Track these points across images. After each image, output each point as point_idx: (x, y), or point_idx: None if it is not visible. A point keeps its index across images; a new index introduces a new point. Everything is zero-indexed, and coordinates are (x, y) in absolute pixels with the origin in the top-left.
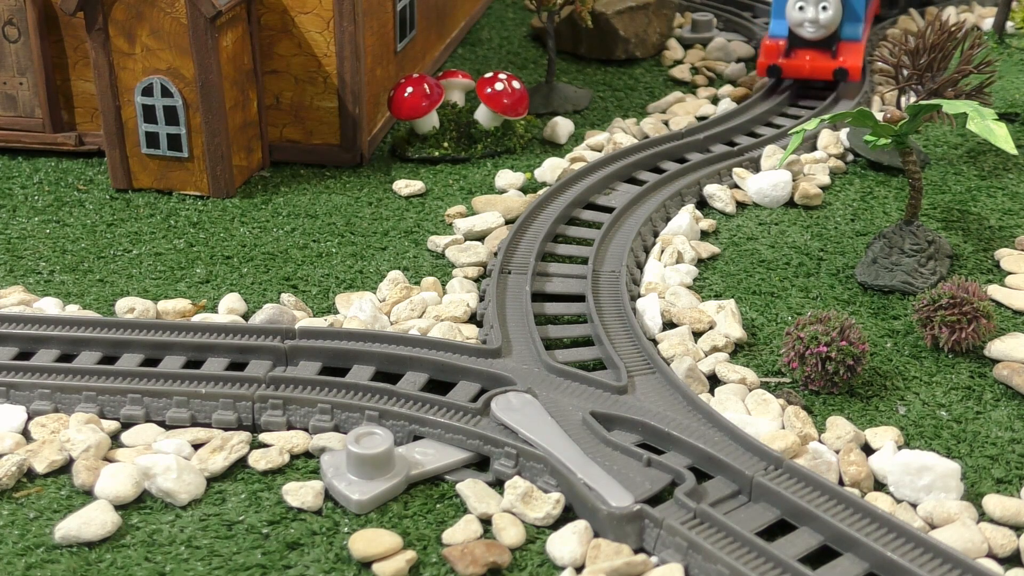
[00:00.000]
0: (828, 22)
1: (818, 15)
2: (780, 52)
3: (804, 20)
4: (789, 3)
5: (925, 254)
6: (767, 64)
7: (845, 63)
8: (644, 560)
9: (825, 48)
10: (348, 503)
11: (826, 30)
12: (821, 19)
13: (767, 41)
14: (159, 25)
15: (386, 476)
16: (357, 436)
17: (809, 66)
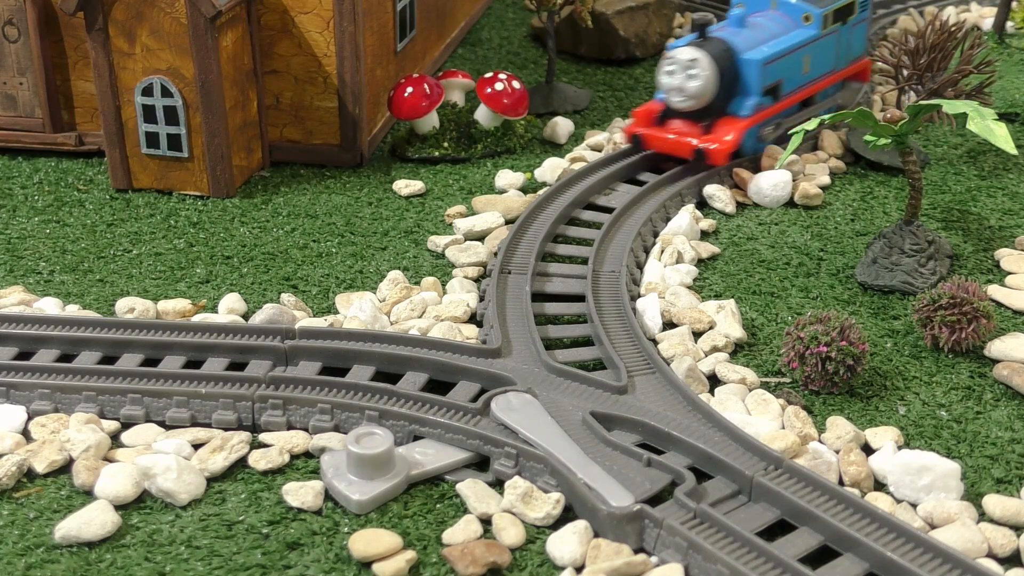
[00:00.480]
0: (697, 92)
1: (685, 83)
2: (652, 119)
3: (671, 87)
4: (660, 66)
5: (925, 254)
6: (631, 132)
7: (711, 142)
8: (644, 560)
9: (698, 120)
10: (348, 503)
11: (696, 101)
12: (688, 88)
13: (649, 103)
14: (159, 25)
15: (386, 476)
16: (357, 436)
17: (672, 141)
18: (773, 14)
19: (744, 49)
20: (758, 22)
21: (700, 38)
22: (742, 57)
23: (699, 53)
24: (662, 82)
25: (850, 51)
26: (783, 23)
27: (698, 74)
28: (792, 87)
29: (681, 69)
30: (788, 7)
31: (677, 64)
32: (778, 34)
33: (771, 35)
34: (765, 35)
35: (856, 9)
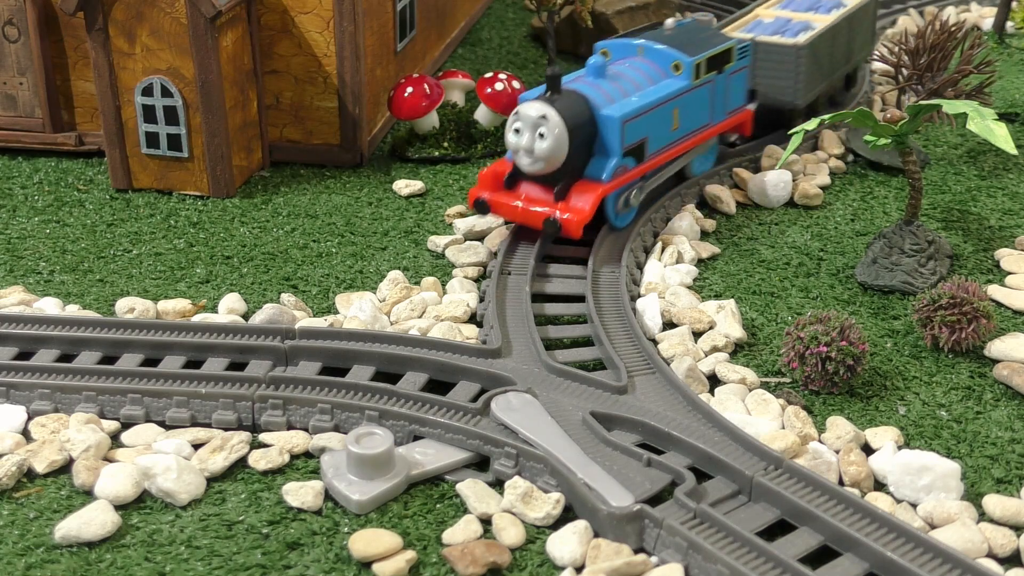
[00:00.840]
0: (547, 154)
1: (533, 144)
2: (499, 182)
3: (518, 147)
4: (508, 122)
5: (925, 254)
6: (475, 195)
7: (564, 211)
8: (644, 560)
9: (551, 185)
10: (348, 503)
11: (546, 163)
12: (538, 150)
13: (497, 163)
14: (159, 25)
15: (386, 476)
16: (357, 436)
17: (520, 210)
18: (639, 62)
19: (602, 104)
20: (620, 72)
21: (551, 92)
22: (600, 113)
23: (548, 109)
24: (509, 141)
25: (727, 103)
26: (650, 72)
27: (548, 133)
28: (659, 145)
29: (529, 127)
30: (656, 54)
31: (524, 121)
32: (643, 85)
33: (634, 87)
34: (627, 87)
35: (733, 57)
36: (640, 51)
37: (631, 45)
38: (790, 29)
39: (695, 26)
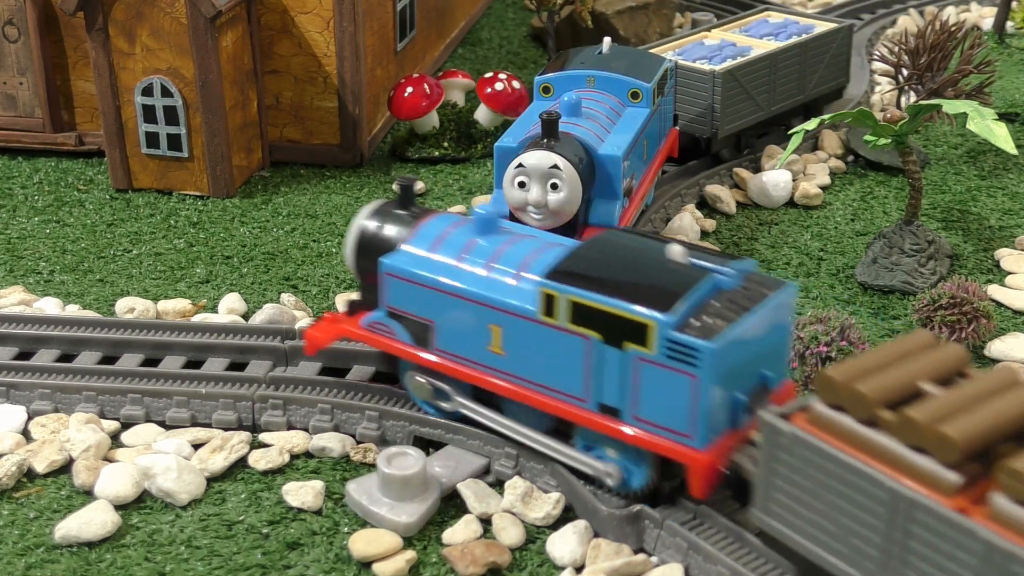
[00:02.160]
0: (560, 206)
1: (546, 196)
2: None
3: (527, 203)
4: (506, 177)
5: (925, 254)
6: None
7: None
8: (644, 560)
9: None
10: (395, 527)
11: (558, 218)
12: (551, 202)
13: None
14: (159, 25)
15: (424, 495)
16: (388, 457)
17: None
18: (595, 94)
19: (596, 144)
20: (590, 108)
21: (549, 138)
22: (599, 154)
23: (558, 158)
24: (512, 197)
25: (665, 126)
26: (611, 104)
27: (563, 184)
28: (639, 180)
29: (538, 179)
30: (610, 83)
31: (533, 174)
32: (613, 119)
33: (609, 121)
34: (604, 122)
35: (670, 76)
36: (591, 82)
37: (578, 77)
38: (721, 55)
39: (627, 48)
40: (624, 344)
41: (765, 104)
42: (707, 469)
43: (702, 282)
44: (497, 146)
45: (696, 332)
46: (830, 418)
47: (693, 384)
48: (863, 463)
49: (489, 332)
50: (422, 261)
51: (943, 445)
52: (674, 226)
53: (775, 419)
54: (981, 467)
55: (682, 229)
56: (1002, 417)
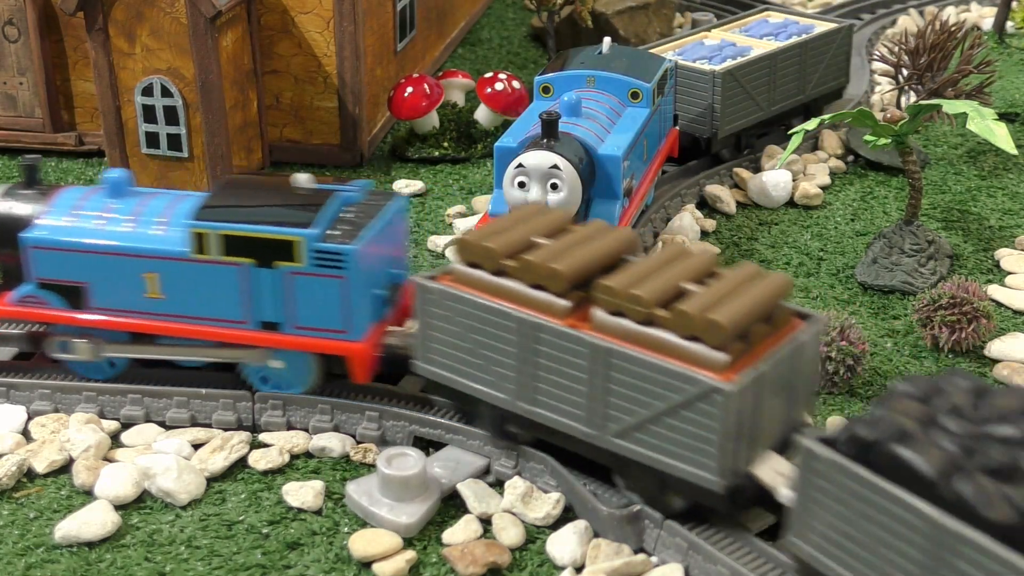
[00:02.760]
0: (561, 206)
1: (546, 196)
2: None
3: (525, 203)
4: (506, 177)
5: (925, 254)
6: None
7: None
8: (644, 560)
9: None
10: (396, 527)
11: None
12: (551, 202)
13: (483, 218)
14: (159, 25)
15: (424, 495)
16: (388, 458)
17: None
18: (594, 94)
19: (596, 144)
20: (590, 108)
21: (549, 138)
22: (599, 154)
23: (558, 158)
24: (513, 197)
25: (664, 127)
26: (611, 104)
27: (563, 184)
28: (639, 180)
29: (538, 180)
30: (610, 83)
31: (533, 174)
32: (613, 119)
33: (609, 121)
34: (604, 122)
35: (669, 76)
36: (591, 82)
37: (578, 77)
38: (721, 55)
39: (627, 48)
40: (275, 263)
41: (765, 104)
42: (366, 356)
43: (331, 200)
44: (497, 146)
45: (338, 239)
46: (468, 274)
47: (343, 284)
48: (496, 303)
49: (144, 280)
50: (65, 229)
51: (553, 279)
52: (674, 226)
53: (426, 281)
54: (584, 294)
55: (682, 229)
56: (598, 254)
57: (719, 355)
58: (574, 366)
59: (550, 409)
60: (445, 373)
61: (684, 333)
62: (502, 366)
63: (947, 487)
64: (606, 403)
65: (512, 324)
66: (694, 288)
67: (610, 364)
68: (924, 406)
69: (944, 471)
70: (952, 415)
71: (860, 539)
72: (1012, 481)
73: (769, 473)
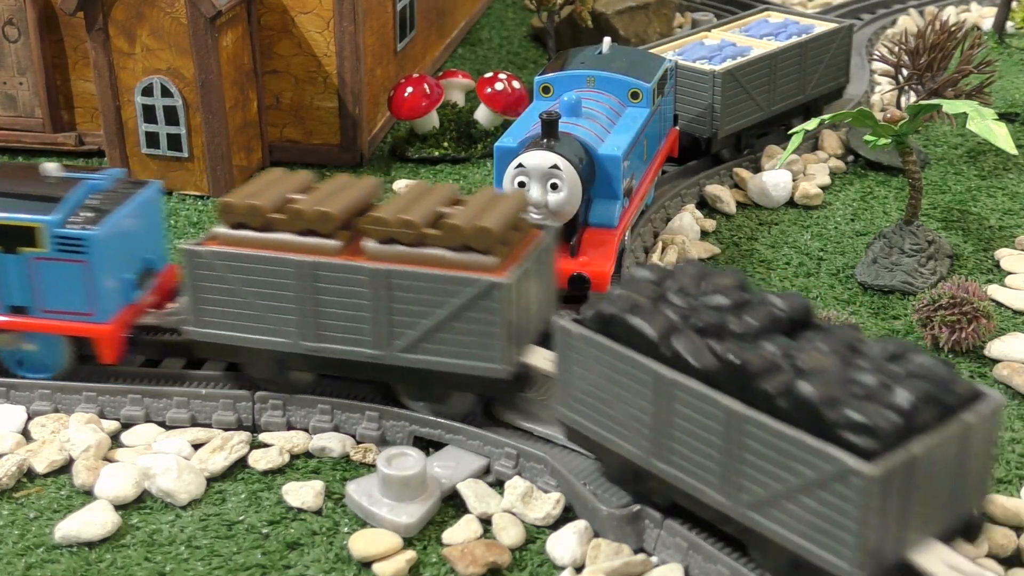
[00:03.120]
0: (560, 206)
1: (546, 196)
2: None
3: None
4: (506, 177)
5: (925, 254)
6: None
7: (587, 266)
8: (644, 560)
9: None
10: (396, 527)
11: (558, 218)
12: (551, 202)
13: None
14: (159, 25)
15: (424, 496)
16: (388, 458)
17: None
18: (594, 94)
19: (596, 144)
20: (590, 108)
21: (549, 137)
22: (598, 154)
23: (558, 158)
24: None
25: (664, 127)
26: (611, 103)
27: (563, 184)
28: (638, 180)
29: (538, 180)
30: (610, 83)
31: (533, 174)
32: (613, 119)
33: (609, 121)
34: (603, 122)
35: (669, 76)
36: (591, 82)
37: (578, 77)
38: (721, 55)
39: (627, 48)
40: (19, 249)
41: (765, 104)
42: (112, 338)
43: (77, 187)
44: (497, 146)
45: (79, 225)
46: (233, 235)
47: (85, 269)
48: (272, 254)
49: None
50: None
51: (324, 221)
52: (674, 226)
53: (193, 247)
54: (349, 233)
55: (682, 229)
56: (354, 199)
57: (490, 258)
58: (355, 295)
59: (335, 342)
60: (220, 332)
61: (455, 244)
62: (281, 311)
63: (667, 345)
64: (390, 324)
65: (290, 269)
66: (450, 210)
67: (391, 286)
68: (656, 287)
69: (665, 333)
70: (678, 293)
71: (607, 398)
72: (719, 337)
73: (538, 359)
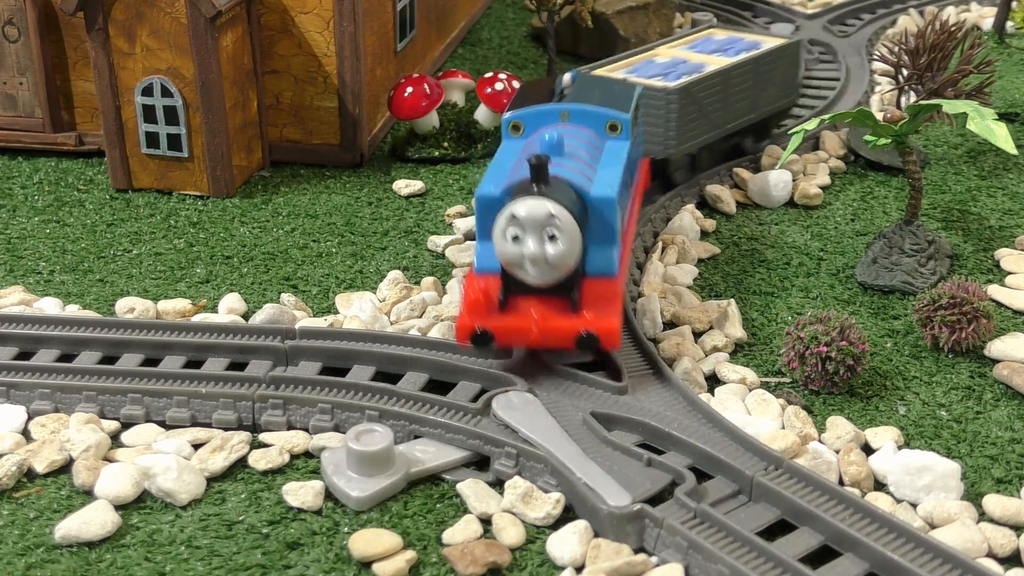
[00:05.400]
0: (560, 259)
1: (543, 249)
2: (491, 305)
3: (522, 257)
4: (497, 230)
5: (925, 254)
6: (470, 327)
7: (594, 323)
8: (644, 560)
9: (561, 294)
10: (348, 500)
11: (557, 271)
12: (551, 255)
13: (472, 283)
14: (159, 25)
15: (386, 473)
16: (357, 433)
17: (539, 330)
18: (572, 129)
19: (586, 185)
20: (571, 145)
21: (539, 182)
22: (591, 196)
23: (555, 206)
24: (506, 252)
25: (637, 157)
26: (589, 138)
27: (561, 234)
28: (626, 218)
29: (533, 230)
30: (587, 116)
31: (528, 225)
32: (596, 156)
33: (591, 158)
34: (587, 159)
35: (640, 104)
36: (565, 116)
37: (551, 112)
38: (675, 72)
39: (592, 77)
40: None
41: (720, 122)
42: None
43: None
44: (478, 196)
45: None
46: None
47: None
48: None
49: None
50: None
51: None
52: (674, 226)
53: None
54: None
55: (682, 229)
56: None
57: None
58: None
59: None
60: None
61: None
62: None
63: None
64: None
65: None
66: None
67: None
68: None
69: None
70: None
71: None
72: None
73: None
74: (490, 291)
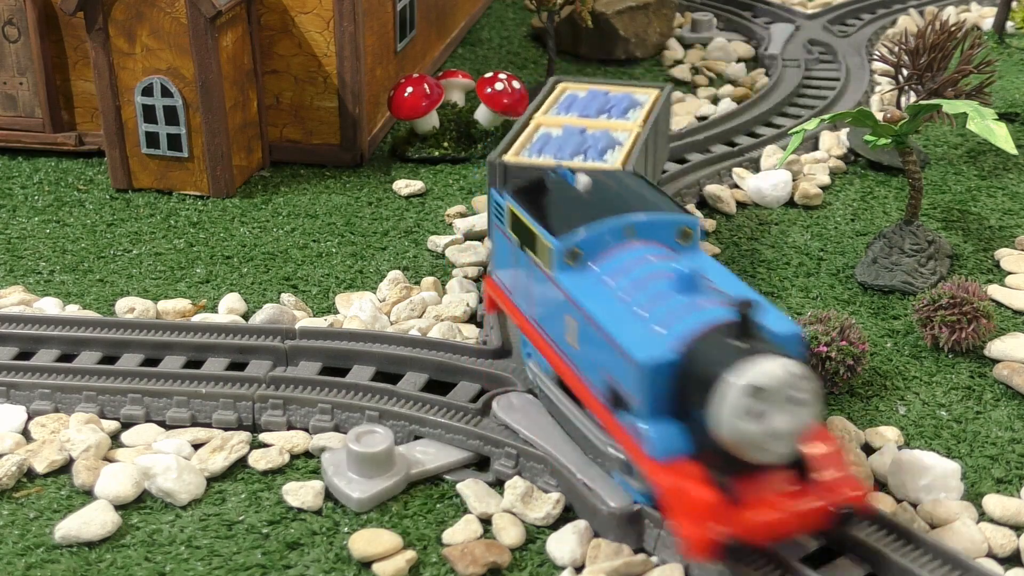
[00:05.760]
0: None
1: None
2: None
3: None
4: (730, 413)
5: (925, 254)
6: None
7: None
8: (644, 560)
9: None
10: (348, 501)
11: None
12: (802, 424)
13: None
14: (159, 25)
15: (386, 475)
16: (358, 434)
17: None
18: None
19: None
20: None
21: (748, 334)
22: (782, 335)
23: (798, 366)
24: (747, 433)
25: None
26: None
27: (808, 396)
28: None
29: (780, 401)
30: (654, 229)
31: (773, 396)
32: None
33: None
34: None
35: None
36: (630, 232)
37: (615, 229)
38: (593, 146)
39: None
40: None
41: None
42: None
43: None
44: (643, 361)
45: None
46: None
47: None
48: None
49: None
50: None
51: None
52: None
53: None
54: None
55: None
56: None
57: None
58: None
59: None
60: None
61: None
62: None
63: None
64: None
65: None
66: None
67: None
68: None
69: None
70: None
71: None
72: None
73: None
74: (702, 483)
